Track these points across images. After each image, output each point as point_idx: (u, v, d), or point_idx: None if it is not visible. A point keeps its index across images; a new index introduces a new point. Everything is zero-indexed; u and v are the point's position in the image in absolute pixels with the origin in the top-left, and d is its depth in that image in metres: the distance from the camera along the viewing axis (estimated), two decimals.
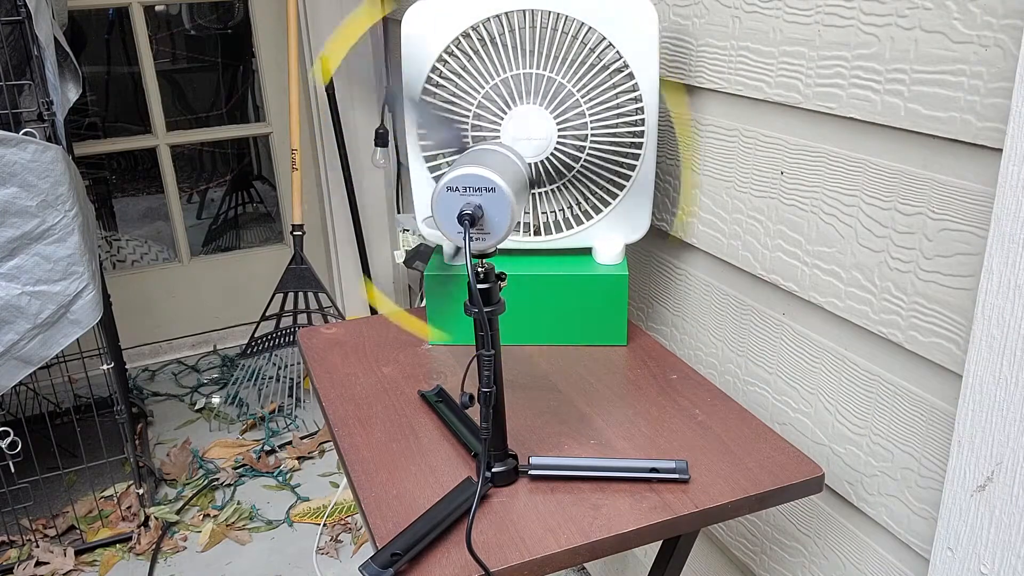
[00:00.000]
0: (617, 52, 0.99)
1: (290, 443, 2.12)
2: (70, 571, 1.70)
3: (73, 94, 1.57)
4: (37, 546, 1.72)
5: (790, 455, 0.84)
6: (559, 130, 1.01)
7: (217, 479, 1.99)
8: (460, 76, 1.01)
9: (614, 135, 1.02)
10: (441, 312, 1.08)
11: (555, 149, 1.02)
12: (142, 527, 1.81)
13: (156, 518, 1.84)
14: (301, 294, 2.26)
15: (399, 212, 2.45)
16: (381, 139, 2.28)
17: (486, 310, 0.73)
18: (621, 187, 1.04)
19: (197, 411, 2.30)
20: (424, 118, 0.98)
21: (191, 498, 1.93)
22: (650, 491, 0.79)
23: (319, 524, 1.84)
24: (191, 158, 3.87)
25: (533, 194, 1.05)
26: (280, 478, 2.00)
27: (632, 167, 1.03)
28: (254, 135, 3.04)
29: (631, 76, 0.99)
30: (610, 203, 1.05)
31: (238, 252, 2.69)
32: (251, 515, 1.88)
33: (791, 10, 0.87)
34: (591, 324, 1.07)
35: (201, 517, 1.87)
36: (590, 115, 1.00)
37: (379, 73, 2.36)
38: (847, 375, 0.90)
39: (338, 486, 1.95)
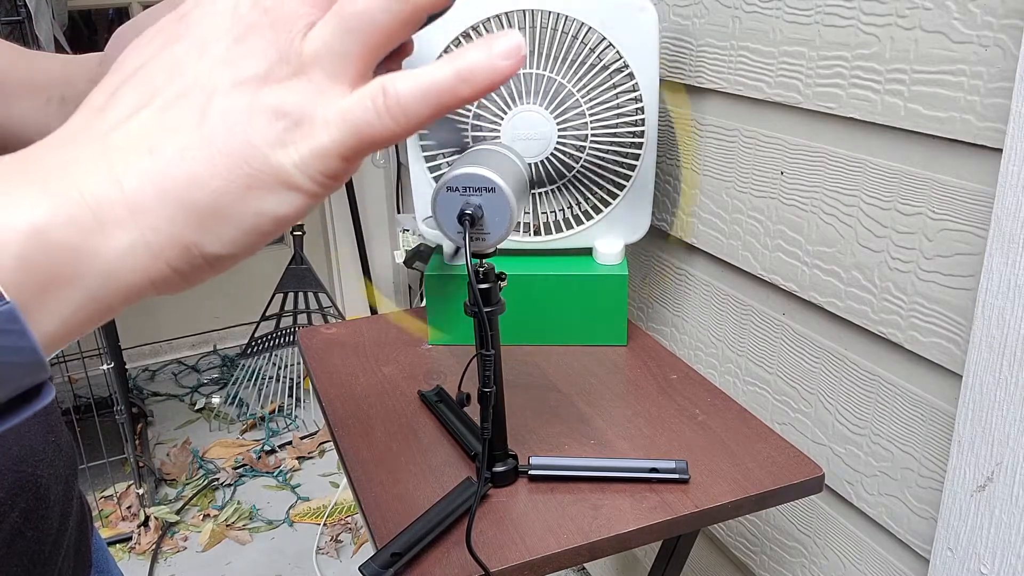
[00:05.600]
0: (617, 52, 0.99)
1: (290, 443, 2.12)
2: None
3: None
4: None
5: (790, 455, 0.84)
6: (559, 130, 1.01)
7: (217, 479, 1.99)
8: None
9: (614, 135, 1.01)
10: (441, 312, 1.08)
11: (555, 149, 1.01)
12: (142, 527, 1.81)
13: (156, 518, 1.84)
14: (301, 294, 2.26)
15: (399, 212, 2.45)
16: None
17: (486, 310, 0.73)
18: (621, 187, 1.04)
19: (197, 411, 2.30)
20: None
21: (191, 498, 1.93)
22: (650, 491, 0.79)
23: (319, 524, 1.84)
24: None
25: (533, 194, 1.05)
26: (280, 478, 2.00)
27: (632, 167, 1.03)
28: None
29: (631, 76, 0.99)
30: (610, 203, 1.05)
31: None
32: (251, 515, 1.88)
33: (791, 10, 0.87)
34: (591, 324, 1.07)
35: (201, 517, 1.87)
36: (590, 115, 1.00)
37: None
38: (847, 375, 0.90)
39: (338, 486, 1.95)
